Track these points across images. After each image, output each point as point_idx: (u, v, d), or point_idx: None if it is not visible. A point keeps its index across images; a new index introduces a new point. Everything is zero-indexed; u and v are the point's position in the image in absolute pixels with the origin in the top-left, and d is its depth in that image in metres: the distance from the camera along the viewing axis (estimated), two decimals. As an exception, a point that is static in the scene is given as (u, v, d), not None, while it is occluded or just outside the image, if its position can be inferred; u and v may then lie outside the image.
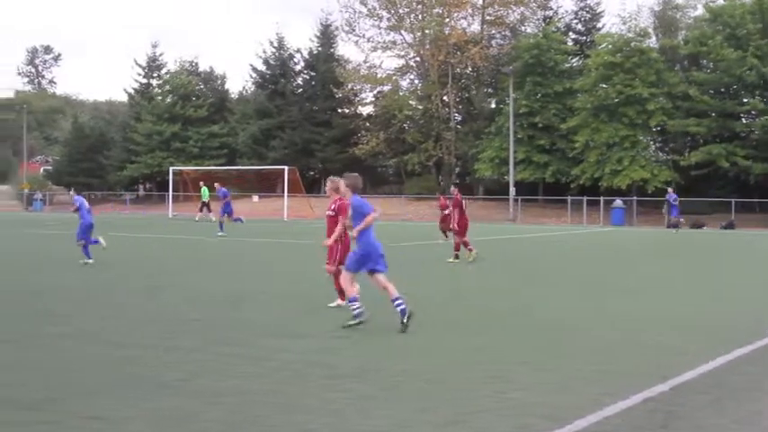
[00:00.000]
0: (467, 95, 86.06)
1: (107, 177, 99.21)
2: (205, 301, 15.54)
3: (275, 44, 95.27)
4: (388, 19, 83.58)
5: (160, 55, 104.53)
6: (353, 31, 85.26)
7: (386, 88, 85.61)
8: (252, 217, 59.48)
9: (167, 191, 73.02)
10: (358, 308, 12.72)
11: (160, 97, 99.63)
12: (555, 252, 33.86)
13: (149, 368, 9.78)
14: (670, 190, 49.42)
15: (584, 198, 65.60)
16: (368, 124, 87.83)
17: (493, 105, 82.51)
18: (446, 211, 32.19)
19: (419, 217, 66.06)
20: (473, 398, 8.50)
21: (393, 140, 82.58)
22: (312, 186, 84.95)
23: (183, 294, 16.13)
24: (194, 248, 31.01)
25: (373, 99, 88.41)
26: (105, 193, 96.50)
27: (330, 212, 14.83)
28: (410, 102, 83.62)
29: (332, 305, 14.86)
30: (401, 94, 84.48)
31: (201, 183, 59.24)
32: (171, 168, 76.40)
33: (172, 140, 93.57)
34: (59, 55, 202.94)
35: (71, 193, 27.83)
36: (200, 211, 57.08)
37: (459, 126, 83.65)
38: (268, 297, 16.56)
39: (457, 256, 25.60)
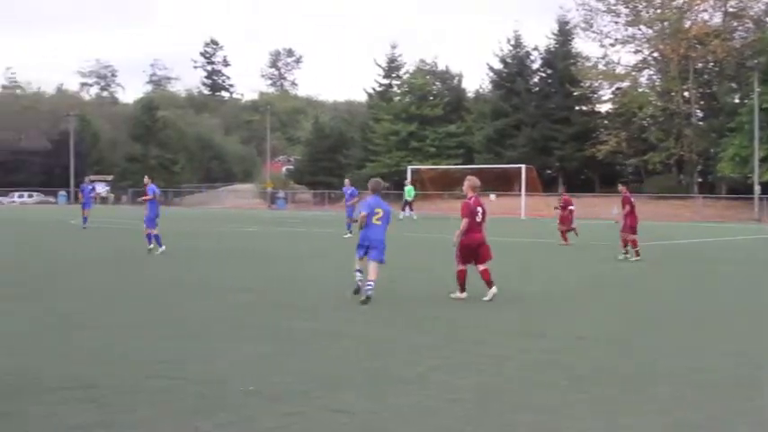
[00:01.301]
0: (708, 91, 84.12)
1: (346, 176, 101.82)
2: (444, 298, 15.65)
3: (512, 42, 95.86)
4: (627, 14, 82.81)
5: (399, 56, 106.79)
6: (591, 27, 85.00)
7: (624, 85, 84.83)
8: (488, 215, 60.01)
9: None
10: (360, 278, 15.35)
11: (398, 97, 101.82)
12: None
13: (391, 363, 9.93)
14: None
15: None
16: (606, 122, 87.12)
17: (737, 101, 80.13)
18: (570, 208, 32.09)
19: (658, 217, 65.10)
20: (722, 402, 8.29)
21: (633, 139, 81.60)
22: (550, 185, 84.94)
23: (422, 291, 16.33)
24: (424, 245, 31.24)
25: (611, 96, 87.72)
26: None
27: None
28: (649, 99, 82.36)
29: (486, 298, 15.34)
30: (640, 90, 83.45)
31: (407, 182, 61.60)
32: (409, 167, 77.93)
33: (409, 140, 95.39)
34: (301, 57, 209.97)
35: (146, 181, 27.90)
36: (403, 209, 58.80)
37: (700, 123, 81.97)
38: (506, 296, 16.32)
39: (627, 251, 25.46)
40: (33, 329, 12.16)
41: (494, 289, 15.44)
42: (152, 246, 25.97)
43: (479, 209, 15.85)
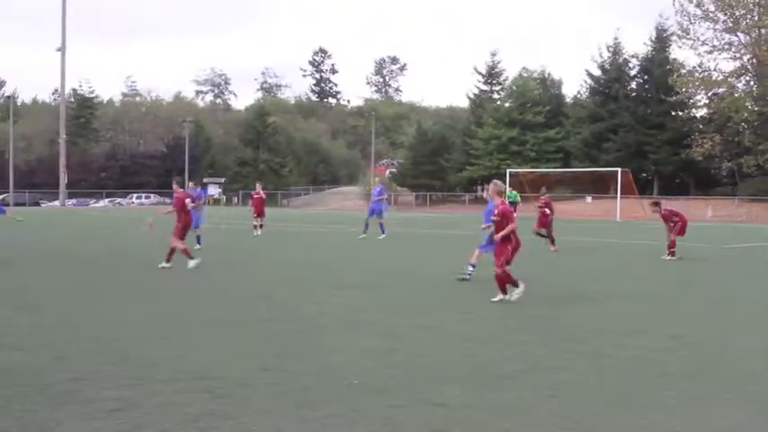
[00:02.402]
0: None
1: (447, 179, 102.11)
2: (546, 297, 15.54)
3: (611, 49, 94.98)
4: (724, 21, 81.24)
5: (498, 63, 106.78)
6: (687, 34, 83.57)
7: (720, 90, 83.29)
8: (583, 217, 59.78)
9: (503, 192, 73.92)
10: (472, 271, 17.81)
11: (499, 102, 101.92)
12: None
13: (492, 359, 9.93)
14: None
15: None
16: (701, 126, 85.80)
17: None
18: (546, 211, 28.74)
19: (751, 219, 63.99)
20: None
21: (727, 143, 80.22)
22: (645, 188, 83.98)
23: (526, 291, 15.69)
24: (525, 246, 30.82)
25: (707, 101, 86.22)
26: (445, 194, 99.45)
27: (494, 218, 15.01)
28: (746, 104, 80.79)
29: (494, 299, 14.64)
30: (736, 96, 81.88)
31: (510, 188, 61.47)
32: (508, 171, 77.84)
33: (509, 144, 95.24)
34: (405, 65, 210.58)
35: (190, 185, 29.30)
36: None
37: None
38: (605, 296, 16.46)
39: (673, 254, 24.86)
40: (150, 324, 12.42)
41: (504, 297, 14.76)
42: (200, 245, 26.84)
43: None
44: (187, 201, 21.22)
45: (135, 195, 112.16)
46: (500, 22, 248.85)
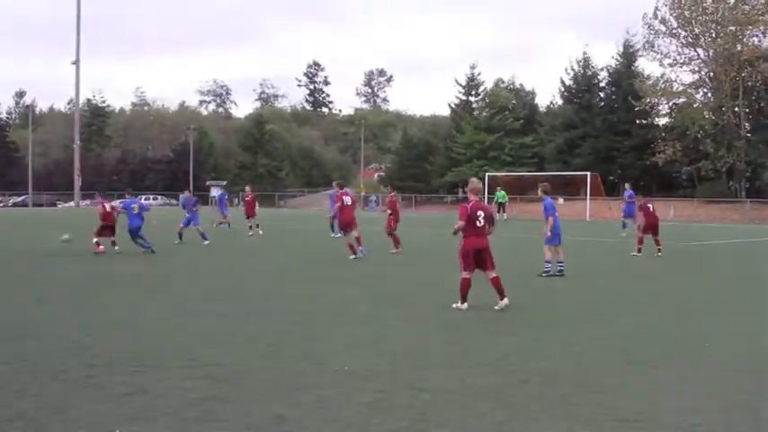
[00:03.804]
0: (757, 107, 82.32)
1: (431, 182, 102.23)
2: (520, 290, 15.29)
3: (581, 63, 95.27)
4: (685, 37, 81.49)
5: (478, 74, 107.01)
6: (653, 48, 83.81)
7: (680, 101, 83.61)
8: (559, 218, 59.80)
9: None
10: (549, 269, 18.37)
11: (477, 111, 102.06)
12: None
13: (470, 347, 9.95)
14: (627, 186, 40.97)
15: None
16: (663, 134, 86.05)
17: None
18: (388, 211, 26.92)
19: (709, 219, 64.24)
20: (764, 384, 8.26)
21: (688, 149, 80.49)
22: (612, 190, 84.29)
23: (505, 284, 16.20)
24: (507, 245, 30.92)
25: (668, 111, 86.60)
26: (430, 195, 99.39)
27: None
28: (704, 114, 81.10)
29: (497, 308, 13.02)
30: (695, 106, 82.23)
31: (499, 188, 61.46)
32: (486, 174, 77.97)
33: (488, 150, 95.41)
34: (391, 77, 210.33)
35: (186, 193, 31.41)
36: (498, 212, 59.22)
37: (749, 135, 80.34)
38: (574, 288, 16.44)
39: (639, 250, 24.87)
40: (158, 317, 12.43)
41: (505, 301, 13.13)
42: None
43: (480, 213, 13.13)
44: (182, 199, 21.52)
45: (144, 197, 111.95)
46: (479, 36, 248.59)
